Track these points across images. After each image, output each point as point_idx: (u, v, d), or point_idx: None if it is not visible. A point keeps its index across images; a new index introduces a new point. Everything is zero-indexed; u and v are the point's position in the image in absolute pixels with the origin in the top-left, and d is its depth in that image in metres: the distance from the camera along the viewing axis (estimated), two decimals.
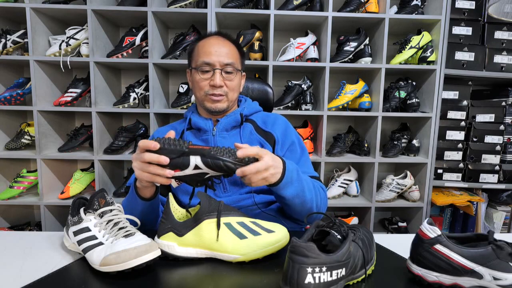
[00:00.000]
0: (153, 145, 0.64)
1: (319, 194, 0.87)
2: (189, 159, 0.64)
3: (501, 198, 1.94)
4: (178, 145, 0.65)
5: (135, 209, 0.77)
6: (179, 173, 0.65)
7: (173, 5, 1.65)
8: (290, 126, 1.00)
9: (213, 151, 0.64)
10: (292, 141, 0.95)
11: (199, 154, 0.64)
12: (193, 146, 0.65)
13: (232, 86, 0.91)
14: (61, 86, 1.87)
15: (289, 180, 0.74)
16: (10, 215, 1.92)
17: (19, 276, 0.59)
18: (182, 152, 0.64)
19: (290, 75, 2.01)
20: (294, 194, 0.76)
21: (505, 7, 1.25)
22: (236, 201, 0.88)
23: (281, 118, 1.00)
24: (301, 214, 0.83)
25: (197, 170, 0.65)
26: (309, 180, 0.84)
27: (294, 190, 0.76)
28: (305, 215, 0.82)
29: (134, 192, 0.76)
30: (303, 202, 0.80)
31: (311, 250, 0.48)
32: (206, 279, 0.57)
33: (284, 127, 0.98)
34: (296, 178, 0.77)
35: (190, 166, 0.64)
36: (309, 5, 1.79)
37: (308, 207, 0.81)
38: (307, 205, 0.81)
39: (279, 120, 0.99)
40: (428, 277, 0.54)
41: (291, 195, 0.76)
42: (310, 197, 0.81)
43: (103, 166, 1.78)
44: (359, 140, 1.94)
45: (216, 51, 0.89)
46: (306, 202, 0.80)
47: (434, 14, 1.75)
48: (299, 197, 0.78)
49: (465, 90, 1.88)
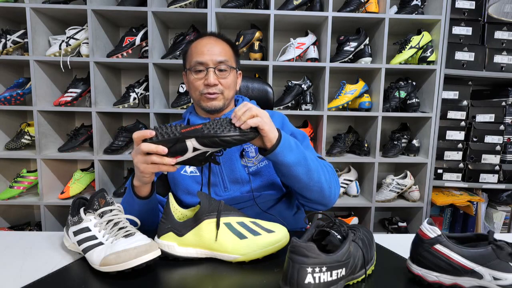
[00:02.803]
0: (149, 133, 0.64)
1: (327, 170, 0.84)
2: (185, 144, 0.63)
3: (501, 198, 1.94)
4: (171, 132, 0.64)
5: (133, 209, 0.78)
6: (181, 158, 0.65)
7: (173, 5, 1.65)
8: (287, 119, 1.00)
9: (206, 129, 0.63)
10: (291, 132, 0.95)
11: (194, 136, 0.63)
12: (185, 129, 0.65)
13: (227, 84, 0.91)
14: (61, 86, 1.87)
15: (287, 145, 0.72)
16: (10, 215, 1.92)
17: (19, 276, 0.59)
18: (176, 139, 0.63)
19: (290, 75, 2.01)
20: (296, 161, 0.73)
21: (505, 7, 1.25)
22: (236, 200, 0.88)
23: (278, 113, 1.00)
24: (311, 188, 0.78)
25: (197, 151, 0.65)
26: (311, 154, 0.82)
27: (294, 157, 0.73)
28: (316, 190, 0.79)
29: (131, 192, 0.76)
30: (309, 172, 0.76)
31: (311, 250, 0.48)
32: (206, 279, 0.57)
33: (281, 120, 0.98)
34: (295, 146, 0.75)
35: (188, 150, 0.64)
36: (309, 5, 1.79)
37: (316, 179, 0.78)
38: (314, 176, 0.77)
39: (276, 115, 0.99)
40: (428, 277, 0.54)
41: (293, 162, 0.73)
42: (315, 167, 0.78)
43: (103, 166, 1.78)
44: (359, 140, 1.94)
45: (209, 50, 0.89)
46: (312, 172, 0.77)
47: (434, 14, 1.75)
48: (301, 164, 0.75)
49: (465, 90, 1.88)
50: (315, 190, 0.80)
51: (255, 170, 0.89)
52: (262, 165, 0.90)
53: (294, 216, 0.97)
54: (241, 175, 0.89)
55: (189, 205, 0.89)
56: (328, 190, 0.82)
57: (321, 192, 0.81)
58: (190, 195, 0.90)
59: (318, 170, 0.79)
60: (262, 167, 0.90)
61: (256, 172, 0.89)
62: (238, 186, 0.89)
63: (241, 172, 0.89)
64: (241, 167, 0.89)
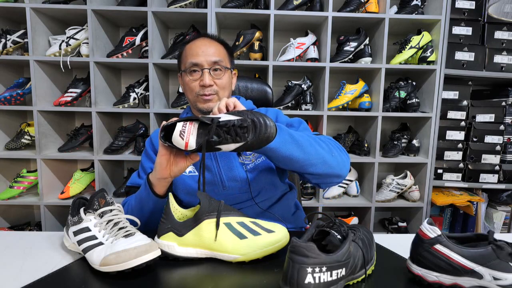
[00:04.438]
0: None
1: (322, 141, 0.80)
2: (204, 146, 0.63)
3: (501, 198, 1.94)
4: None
5: (146, 206, 0.79)
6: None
7: (173, 5, 1.65)
8: (281, 113, 0.99)
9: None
10: (286, 122, 0.94)
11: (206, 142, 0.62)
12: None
13: (222, 84, 0.92)
14: (61, 86, 1.87)
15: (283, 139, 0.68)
16: (10, 215, 1.92)
17: (19, 276, 0.59)
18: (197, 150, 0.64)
19: (290, 75, 2.01)
20: (280, 141, 0.68)
21: (505, 7, 1.25)
22: (235, 198, 0.88)
23: (272, 109, 1.01)
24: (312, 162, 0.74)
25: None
26: (302, 133, 0.78)
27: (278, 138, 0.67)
28: (319, 163, 0.75)
29: (148, 189, 0.77)
30: (301, 147, 0.71)
31: (311, 250, 0.48)
32: (206, 279, 0.57)
33: (275, 114, 0.98)
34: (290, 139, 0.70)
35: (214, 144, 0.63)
36: (309, 5, 1.79)
37: (312, 152, 0.73)
38: (309, 150, 0.73)
39: (270, 111, 0.99)
40: (428, 277, 0.54)
41: (277, 143, 0.67)
42: (306, 141, 0.73)
43: (103, 166, 1.78)
44: (359, 140, 1.94)
45: (203, 51, 0.90)
46: (304, 146, 0.72)
47: (434, 14, 1.75)
48: (288, 142, 0.69)
49: (465, 90, 1.88)
50: (319, 163, 0.75)
51: (252, 167, 0.90)
52: (259, 162, 0.90)
53: (293, 215, 0.97)
54: (239, 172, 0.89)
55: (189, 205, 0.89)
56: (332, 159, 0.77)
57: (325, 163, 0.76)
58: (190, 195, 0.90)
59: (311, 143, 0.74)
60: (259, 164, 0.90)
61: (254, 169, 0.90)
62: (237, 184, 0.89)
63: (239, 169, 0.89)
64: (238, 165, 0.90)
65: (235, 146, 0.63)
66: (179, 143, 0.64)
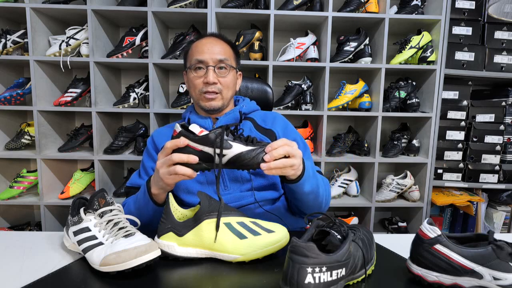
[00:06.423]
0: (182, 142, 0.64)
1: (327, 188, 0.89)
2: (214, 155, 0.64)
3: (501, 198, 1.94)
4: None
5: (146, 214, 0.78)
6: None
7: (173, 5, 1.65)
8: (289, 123, 1.02)
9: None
10: (294, 138, 0.95)
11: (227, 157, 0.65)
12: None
13: (226, 83, 0.92)
14: (61, 86, 1.87)
15: (307, 176, 0.75)
16: (10, 215, 1.92)
17: (19, 276, 0.59)
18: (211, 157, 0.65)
19: (290, 75, 2.01)
20: (310, 190, 0.78)
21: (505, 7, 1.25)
22: (237, 199, 0.88)
23: (280, 116, 1.02)
24: (312, 208, 0.85)
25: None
26: (318, 175, 0.86)
27: (310, 186, 0.77)
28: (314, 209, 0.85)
29: (148, 197, 0.76)
30: (316, 197, 0.82)
31: (311, 250, 0.48)
32: (206, 279, 0.57)
33: (284, 124, 0.99)
34: (312, 175, 0.78)
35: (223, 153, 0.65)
36: (309, 5, 1.79)
37: (319, 201, 0.84)
38: (319, 199, 0.83)
39: (278, 118, 1.00)
40: (428, 277, 0.54)
41: (308, 190, 0.77)
42: (322, 192, 0.83)
43: (103, 166, 1.78)
44: (359, 140, 1.94)
45: (209, 49, 0.90)
46: (319, 197, 0.82)
47: (434, 14, 1.75)
48: (313, 192, 0.79)
49: (465, 90, 1.88)
50: (314, 207, 0.85)
51: None
52: None
53: (294, 215, 0.97)
54: (241, 173, 0.89)
55: (189, 205, 0.89)
56: (322, 205, 0.87)
57: (317, 208, 0.86)
58: (190, 194, 0.90)
59: (323, 194, 0.84)
60: None
61: (257, 171, 0.89)
62: (239, 185, 0.89)
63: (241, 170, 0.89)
64: None
65: (245, 149, 0.65)
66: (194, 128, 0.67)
